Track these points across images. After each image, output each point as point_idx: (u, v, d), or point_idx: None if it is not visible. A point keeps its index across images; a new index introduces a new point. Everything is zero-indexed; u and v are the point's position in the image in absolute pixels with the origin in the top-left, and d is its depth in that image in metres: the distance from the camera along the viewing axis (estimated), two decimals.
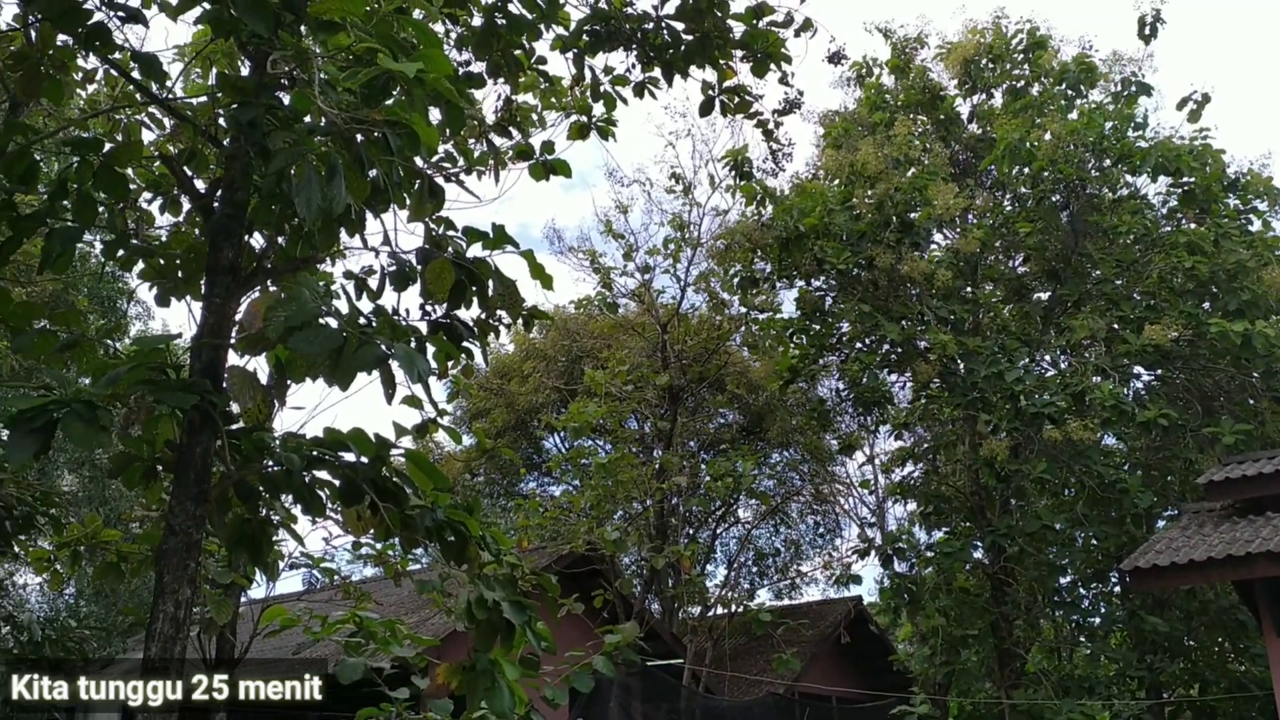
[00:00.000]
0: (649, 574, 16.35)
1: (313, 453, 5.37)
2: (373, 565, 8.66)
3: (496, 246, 5.82)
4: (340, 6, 4.78)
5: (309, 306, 5.02)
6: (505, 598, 5.73)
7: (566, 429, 15.57)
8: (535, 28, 6.48)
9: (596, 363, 18.45)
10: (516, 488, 22.74)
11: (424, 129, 5.04)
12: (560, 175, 6.85)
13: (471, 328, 6.06)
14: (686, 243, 18.68)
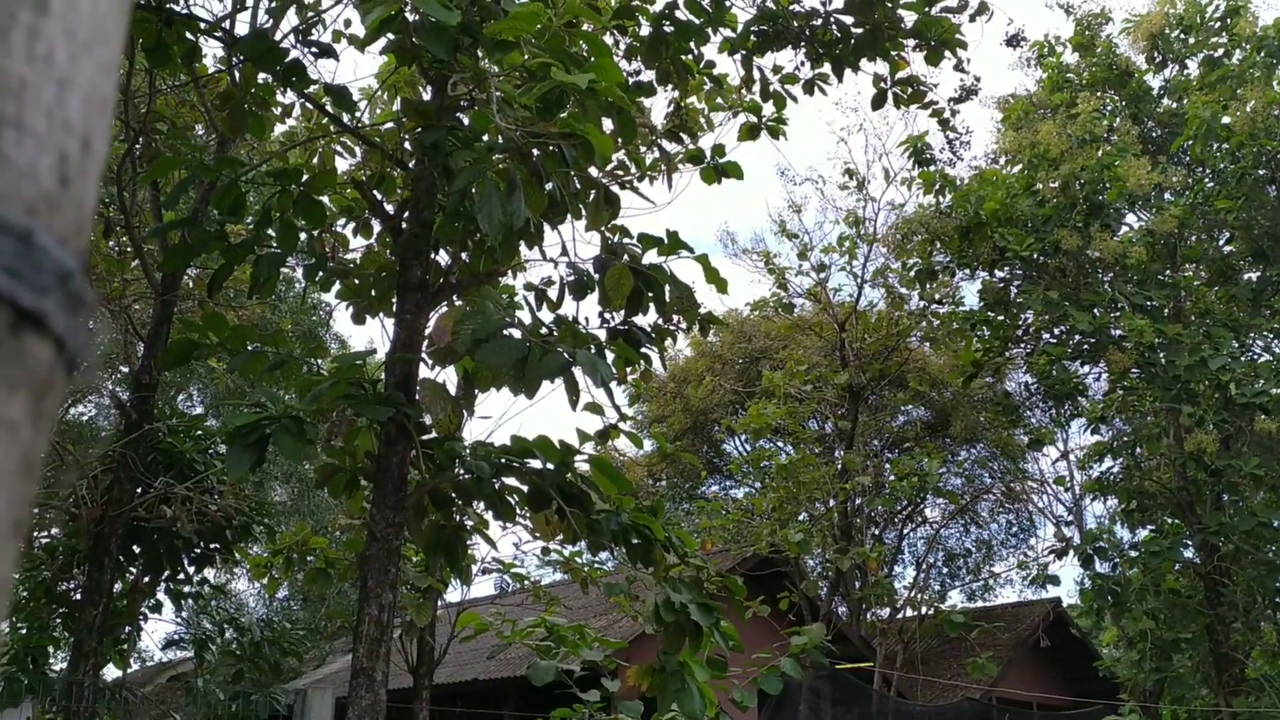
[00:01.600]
0: (835, 575, 16.10)
1: (501, 460, 5.55)
2: (561, 570, 8.85)
3: (672, 252, 5.87)
4: (515, 26, 4.91)
5: (494, 319, 5.19)
6: (692, 600, 5.75)
7: (746, 431, 15.54)
8: (703, 32, 6.50)
9: (774, 364, 18.33)
10: (698, 491, 22.83)
11: (598, 138, 5.13)
12: (732, 178, 6.84)
13: (649, 333, 6.11)
14: (862, 238, 18.33)
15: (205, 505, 8.52)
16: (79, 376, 0.38)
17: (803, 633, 8.38)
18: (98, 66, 0.41)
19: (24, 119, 0.38)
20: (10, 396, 0.36)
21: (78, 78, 0.40)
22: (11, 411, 0.36)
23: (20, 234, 0.37)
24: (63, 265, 0.38)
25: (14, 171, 0.38)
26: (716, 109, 7.69)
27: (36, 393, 0.37)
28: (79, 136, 0.40)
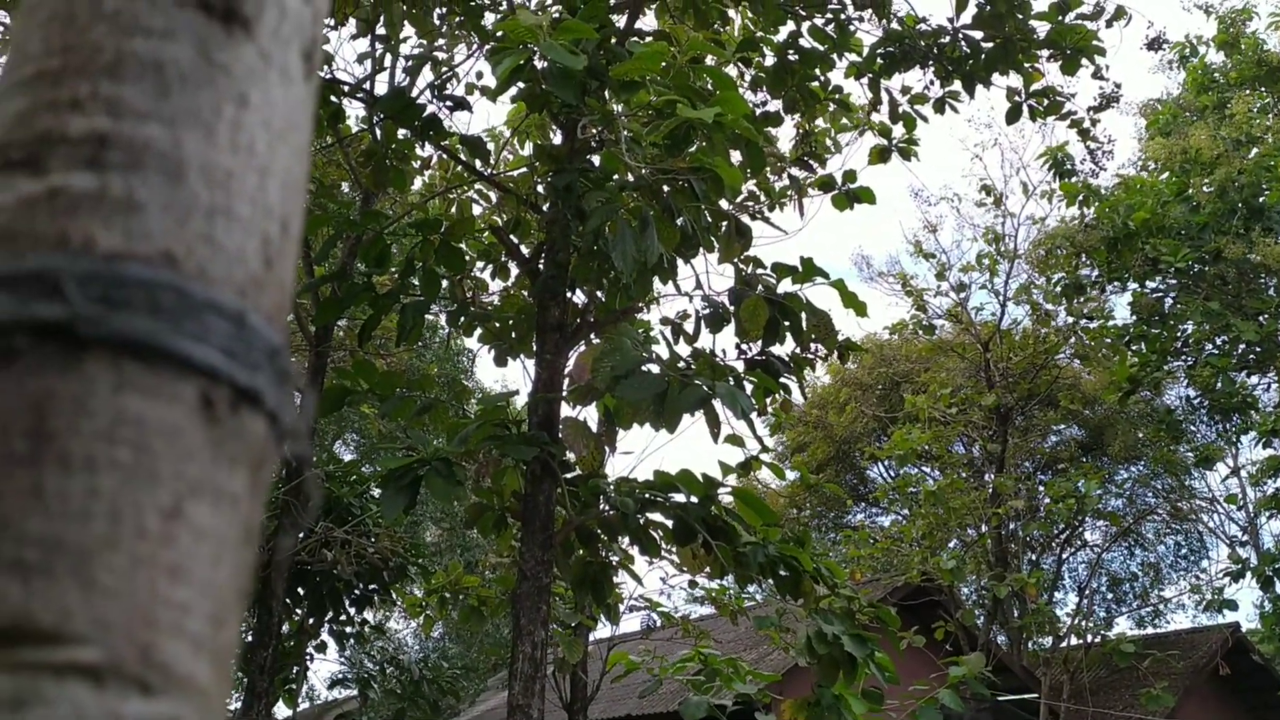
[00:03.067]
0: (991, 603, 15.53)
1: (645, 495, 5.58)
2: (708, 603, 8.80)
3: (806, 279, 5.82)
4: (640, 66, 4.98)
5: (632, 355, 5.24)
6: (845, 631, 5.65)
7: (890, 457, 15.22)
8: (827, 58, 6.47)
9: (916, 387, 17.93)
10: (843, 520, 22.44)
11: (727, 171, 5.15)
12: (864, 202, 6.75)
13: (788, 363, 6.07)
14: (1003, 255, 17.81)
15: (363, 548, 8.81)
16: (289, 447, 0.40)
17: (961, 663, 8.11)
18: (291, 153, 0.44)
19: (232, 207, 0.41)
20: (233, 472, 0.39)
21: (275, 165, 0.43)
22: (234, 486, 0.39)
23: (234, 316, 0.39)
24: (271, 343, 0.40)
25: (225, 257, 0.40)
26: (843, 130, 7.63)
27: (254, 466, 0.40)
28: (279, 220, 0.43)
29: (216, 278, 0.40)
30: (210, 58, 0.43)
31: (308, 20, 0.46)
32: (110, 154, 0.40)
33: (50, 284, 0.37)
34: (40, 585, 0.34)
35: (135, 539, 0.36)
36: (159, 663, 0.34)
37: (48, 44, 0.42)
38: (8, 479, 0.35)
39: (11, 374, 0.37)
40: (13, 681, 0.32)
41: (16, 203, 0.39)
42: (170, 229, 0.40)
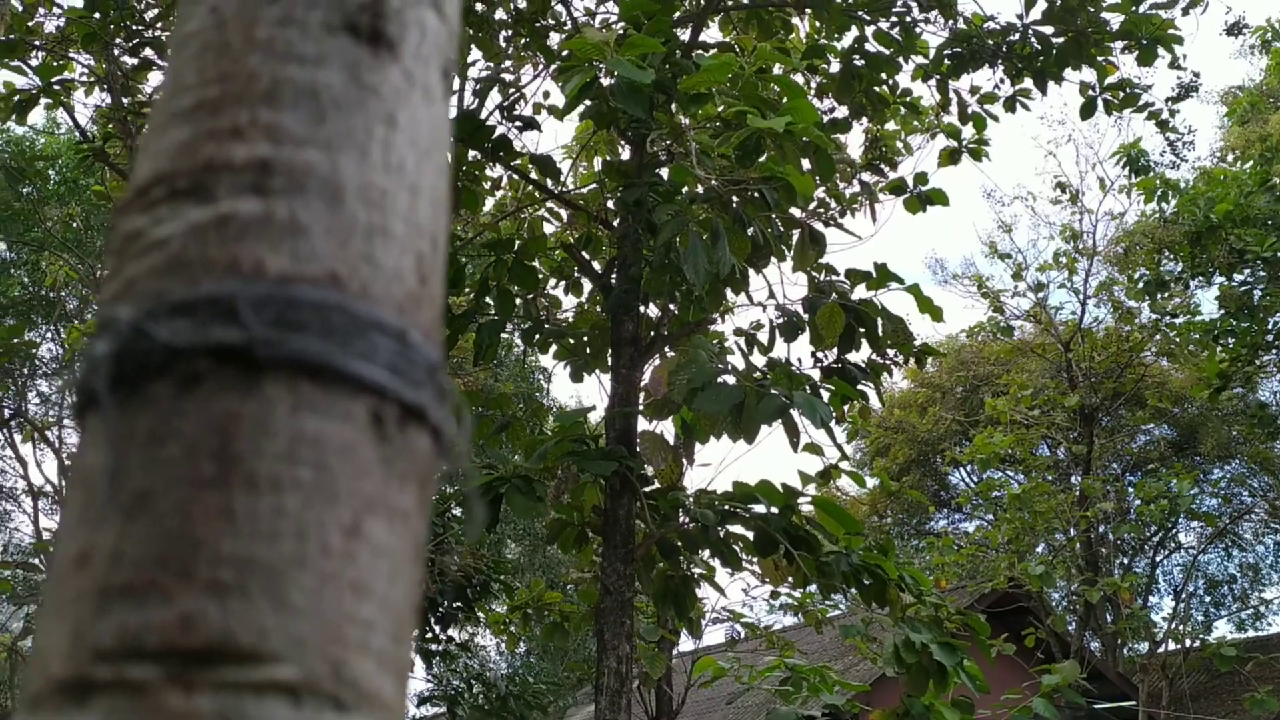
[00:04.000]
0: (1083, 609, 15.15)
1: (725, 507, 5.56)
2: (792, 614, 8.72)
3: (881, 285, 5.77)
4: (708, 78, 4.99)
5: (707, 367, 5.23)
6: (933, 640, 5.56)
7: (972, 461, 14.97)
8: (894, 62, 6.40)
9: (996, 390, 17.63)
10: (926, 526, 22.10)
11: (798, 179, 5.12)
12: (937, 205, 6.67)
13: (864, 369, 6.01)
14: (1081, 253, 17.44)
15: (447, 566, 8.90)
16: (451, 463, 0.41)
17: (1054, 671, 7.93)
18: (436, 170, 0.44)
19: (388, 226, 0.42)
20: (402, 488, 0.39)
21: (424, 183, 0.43)
22: (405, 502, 0.39)
23: (396, 334, 0.40)
24: (431, 359, 0.40)
25: (384, 275, 0.41)
26: (913, 131, 7.55)
27: (421, 482, 0.40)
28: (429, 236, 0.44)
29: (378, 296, 0.41)
30: (360, 80, 0.43)
31: (445, 39, 0.47)
32: (273, 179, 0.41)
33: (226, 309, 0.38)
34: (237, 605, 0.35)
35: (321, 557, 0.36)
36: (350, 679, 0.35)
37: (204, 75, 0.43)
38: (198, 501, 0.36)
39: (195, 398, 0.38)
40: (217, 700, 0.33)
41: (186, 230, 0.40)
42: (334, 250, 0.40)
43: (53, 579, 0.36)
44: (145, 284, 0.40)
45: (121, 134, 7.84)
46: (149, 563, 0.35)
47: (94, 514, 0.36)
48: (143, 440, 0.37)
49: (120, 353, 0.38)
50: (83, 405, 0.39)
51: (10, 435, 11.66)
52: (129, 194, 0.42)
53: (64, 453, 9.57)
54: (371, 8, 0.44)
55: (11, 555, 15.48)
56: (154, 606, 0.34)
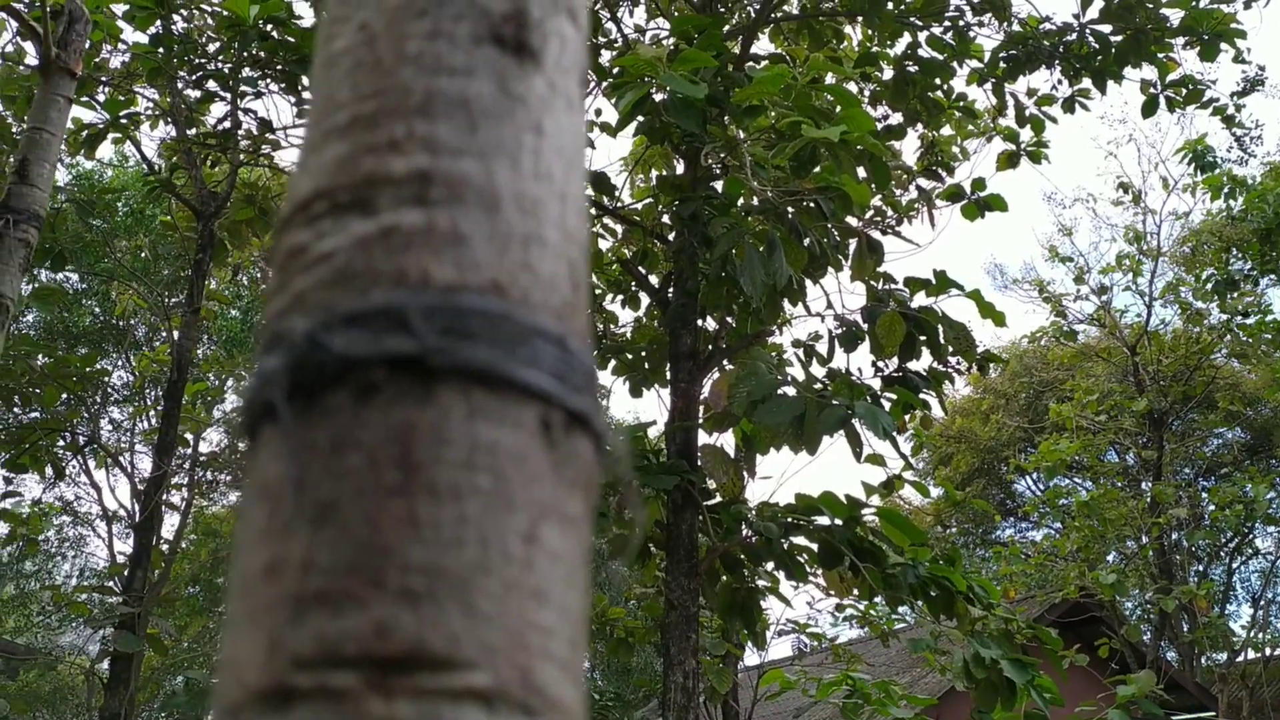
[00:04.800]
0: (1158, 618, 14.80)
1: (788, 519, 5.52)
2: (858, 626, 8.63)
3: (941, 291, 5.71)
4: (760, 90, 4.98)
5: (767, 379, 5.21)
6: (1003, 654, 5.46)
7: (1038, 469, 14.73)
8: (948, 67, 6.35)
9: (1061, 395, 17.34)
10: (992, 536, 21.76)
11: (854, 188, 5.10)
12: (996, 210, 6.58)
13: (926, 377, 5.95)
14: (1145, 254, 17.12)
15: None
16: (611, 469, 0.41)
17: (1130, 682, 7.75)
18: (579, 178, 0.45)
19: (542, 234, 0.42)
20: (570, 494, 0.39)
21: (570, 190, 0.44)
22: (574, 508, 0.39)
23: (557, 340, 0.40)
24: (588, 365, 0.41)
25: (542, 283, 0.41)
26: (969, 136, 7.47)
27: (586, 489, 0.40)
28: (579, 243, 0.44)
29: (537, 304, 0.41)
30: (508, 90, 0.44)
31: (580, 48, 0.47)
32: (433, 190, 0.42)
33: (397, 319, 0.39)
34: (429, 612, 0.35)
35: (503, 564, 0.37)
36: (537, 686, 0.35)
37: (357, 90, 0.44)
38: (384, 509, 0.36)
39: (374, 407, 0.38)
40: (415, 707, 0.33)
41: (352, 243, 0.41)
42: (494, 259, 0.41)
43: (238, 590, 0.37)
44: (314, 296, 0.40)
45: (186, 165, 8.02)
46: (341, 571, 0.35)
47: (280, 524, 0.37)
48: (324, 450, 0.38)
49: (296, 365, 0.39)
50: (256, 419, 0.40)
51: (85, 461, 11.93)
52: (289, 209, 0.43)
53: (136, 477, 9.77)
54: (516, 19, 0.45)
55: (87, 579, 15.83)
56: (349, 614, 0.35)
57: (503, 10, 0.44)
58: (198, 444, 11.26)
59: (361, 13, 0.45)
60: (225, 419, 12.60)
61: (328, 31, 0.46)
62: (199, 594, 14.82)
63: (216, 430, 13.36)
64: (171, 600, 9.89)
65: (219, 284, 12.24)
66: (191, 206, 7.88)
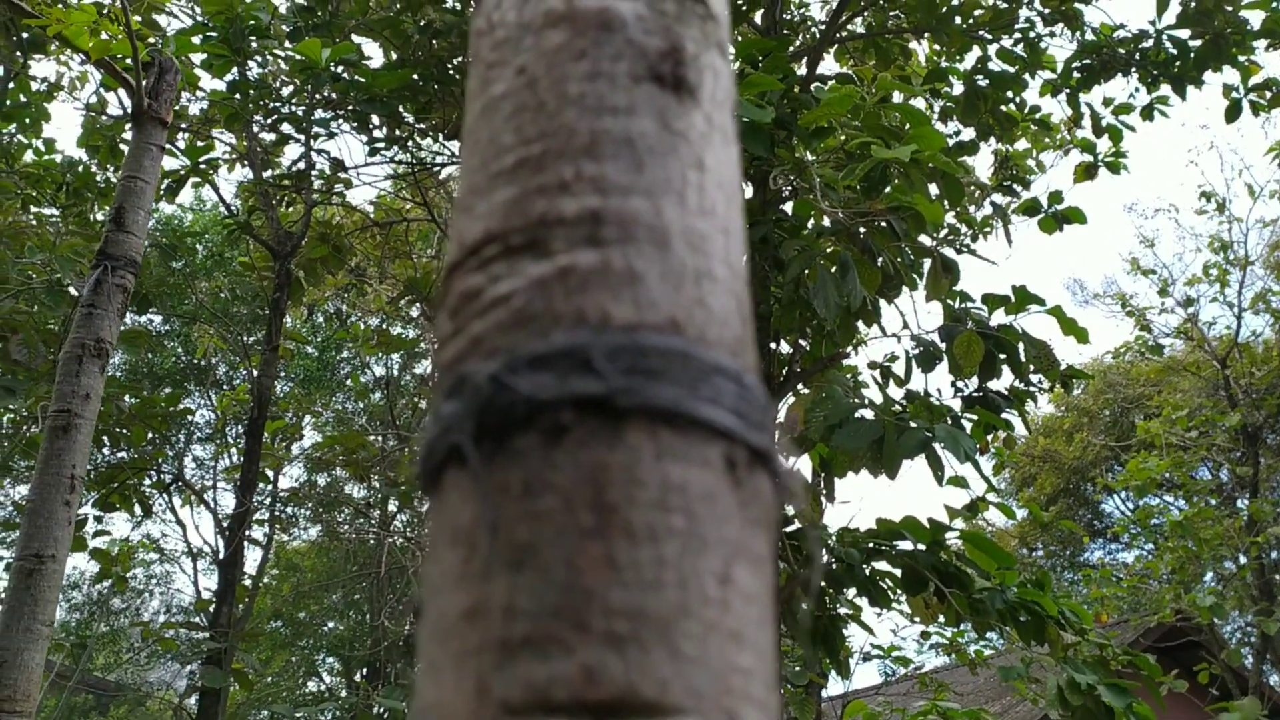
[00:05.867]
0: (1259, 641, 14.27)
1: (869, 545, 5.44)
2: (944, 653, 8.46)
3: (1020, 309, 5.61)
4: (828, 112, 4.97)
5: (844, 402, 5.15)
6: (1099, 680, 5.32)
7: (1126, 488, 14.34)
8: (1020, 79, 6.27)
9: (1148, 412, 16.88)
10: (1080, 558, 21.21)
11: (927, 207, 5.04)
12: (1074, 223, 6.46)
13: (1008, 397, 5.85)
14: (1232, 264, 16.64)
15: None
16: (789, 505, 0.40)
17: (1232, 709, 7.46)
18: (739, 212, 0.45)
19: (712, 269, 0.42)
20: (756, 533, 0.39)
21: (733, 225, 0.44)
22: (760, 548, 0.39)
23: (734, 376, 0.40)
24: (764, 400, 0.40)
25: (715, 319, 0.41)
26: (1044, 148, 7.35)
27: (769, 527, 0.40)
28: (743, 277, 0.44)
29: (713, 340, 0.41)
30: (670, 127, 0.44)
31: (730, 81, 0.47)
32: (605, 230, 0.42)
33: (581, 360, 0.39)
34: (636, 656, 0.35)
35: (702, 606, 0.36)
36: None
37: (522, 134, 0.44)
38: (583, 553, 0.36)
39: (564, 449, 0.38)
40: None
41: (528, 285, 0.41)
42: (670, 296, 0.41)
43: (435, 634, 0.37)
44: (493, 340, 0.41)
45: (263, 206, 8.23)
46: (545, 615, 0.35)
47: (478, 568, 0.37)
48: (517, 493, 0.38)
49: (482, 408, 0.39)
50: (439, 464, 0.40)
51: (170, 499, 12.24)
52: (458, 254, 0.44)
53: (220, 514, 9.98)
54: (672, 55, 0.45)
55: (174, 615, 16.18)
56: (556, 659, 0.34)
57: (659, 48, 0.45)
58: (278, 480, 11.47)
59: (519, 57, 0.45)
60: (305, 455, 12.83)
61: (484, 76, 0.46)
62: (282, 629, 15.04)
63: (296, 466, 13.60)
64: (255, 635, 10.06)
65: (296, 322, 12.52)
66: (268, 247, 8.09)
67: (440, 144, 7.48)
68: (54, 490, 2.43)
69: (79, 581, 15.50)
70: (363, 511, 12.58)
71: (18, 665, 2.26)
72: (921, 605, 5.49)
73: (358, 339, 12.04)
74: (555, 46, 0.45)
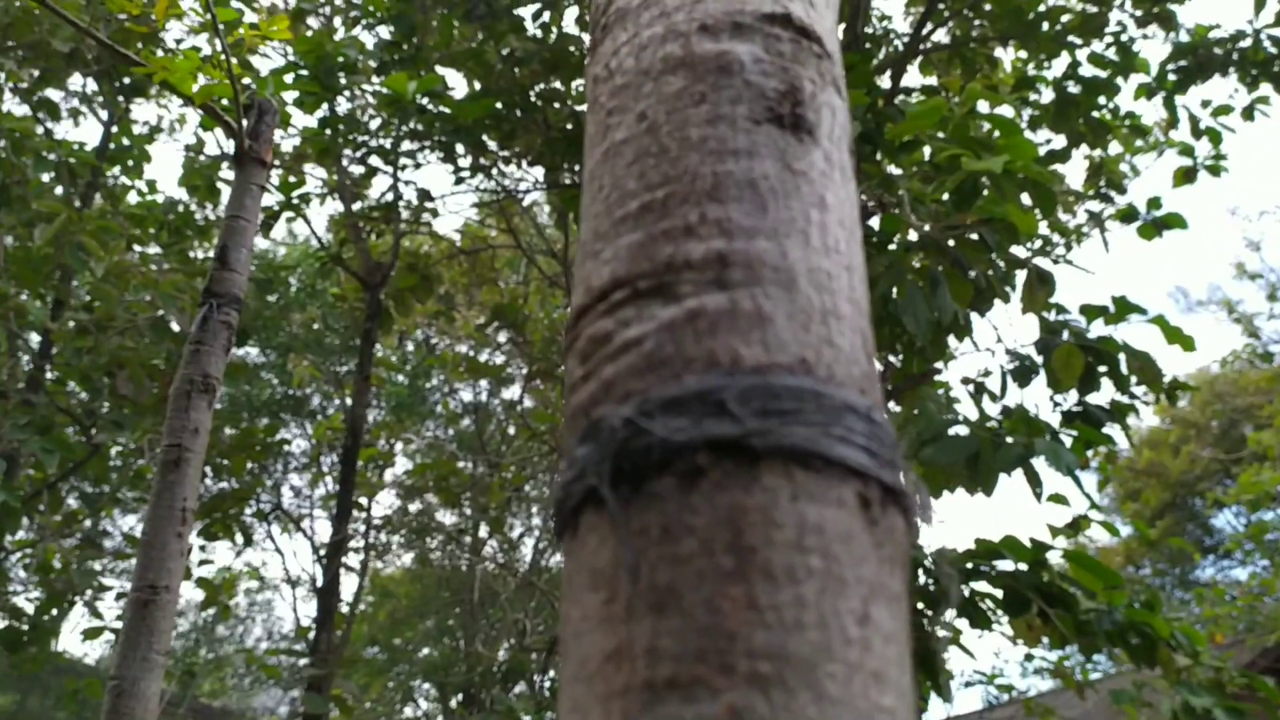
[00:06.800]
0: None
1: (967, 565, 5.31)
2: (1049, 677, 8.22)
3: (1120, 319, 5.45)
4: (915, 125, 4.92)
5: (938, 419, 5.06)
6: (1215, 703, 5.11)
7: (1239, 502, 13.80)
8: (1112, 84, 6.13)
9: (1258, 422, 16.24)
10: (1191, 576, 20.43)
11: (1019, 218, 4.94)
12: (1174, 229, 6.27)
13: (1109, 410, 5.69)
14: None
15: None
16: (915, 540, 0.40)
17: None
18: (859, 246, 0.45)
19: (838, 307, 0.42)
20: (892, 572, 0.39)
21: (855, 261, 0.44)
22: (896, 586, 0.39)
23: (864, 414, 0.40)
24: (893, 437, 0.40)
25: (843, 357, 0.42)
26: (1139, 153, 7.16)
27: (903, 565, 0.40)
28: (866, 313, 0.44)
29: (842, 378, 0.41)
30: (790, 167, 0.45)
31: (847, 117, 0.47)
32: (732, 272, 0.42)
33: (714, 402, 0.39)
34: (781, 699, 0.35)
35: (843, 646, 0.36)
36: None
37: (645, 179, 0.45)
38: (724, 595, 0.37)
39: (701, 492, 0.39)
40: None
41: (659, 329, 0.42)
42: (798, 336, 0.41)
43: (578, 675, 0.38)
44: (625, 384, 0.41)
45: (353, 238, 8.43)
46: (688, 657, 0.36)
47: (619, 611, 0.38)
48: (656, 536, 0.38)
49: (618, 452, 0.39)
50: (575, 507, 0.41)
51: (269, 528, 12.54)
52: (585, 298, 0.44)
53: (316, 541, 10.21)
54: (791, 96, 0.45)
55: (275, 642, 16.54)
56: (703, 701, 0.35)
57: (778, 89, 0.45)
58: (371, 507, 11.68)
59: (640, 104, 0.46)
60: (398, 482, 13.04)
61: (604, 122, 0.47)
62: (379, 655, 15.26)
63: (389, 493, 13.84)
64: (354, 661, 10.24)
65: (386, 350, 12.76)
66: (359, 278, 8.28)
67: (524, 171, 7.58)
68: (167, 523, 2.52)
69: (184, 609, 15.96)
70: (454, 538, 12.74)
71: (135, 694, 2.34)
72: (1024, 627, 5.34)
73: (447, 365, 12.23)
74: (675, 91, 0.46)
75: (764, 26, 0.46)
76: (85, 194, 8.39)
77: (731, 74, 0.45)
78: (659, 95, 0.46)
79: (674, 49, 0.46)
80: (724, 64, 0.45)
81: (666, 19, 0.46)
